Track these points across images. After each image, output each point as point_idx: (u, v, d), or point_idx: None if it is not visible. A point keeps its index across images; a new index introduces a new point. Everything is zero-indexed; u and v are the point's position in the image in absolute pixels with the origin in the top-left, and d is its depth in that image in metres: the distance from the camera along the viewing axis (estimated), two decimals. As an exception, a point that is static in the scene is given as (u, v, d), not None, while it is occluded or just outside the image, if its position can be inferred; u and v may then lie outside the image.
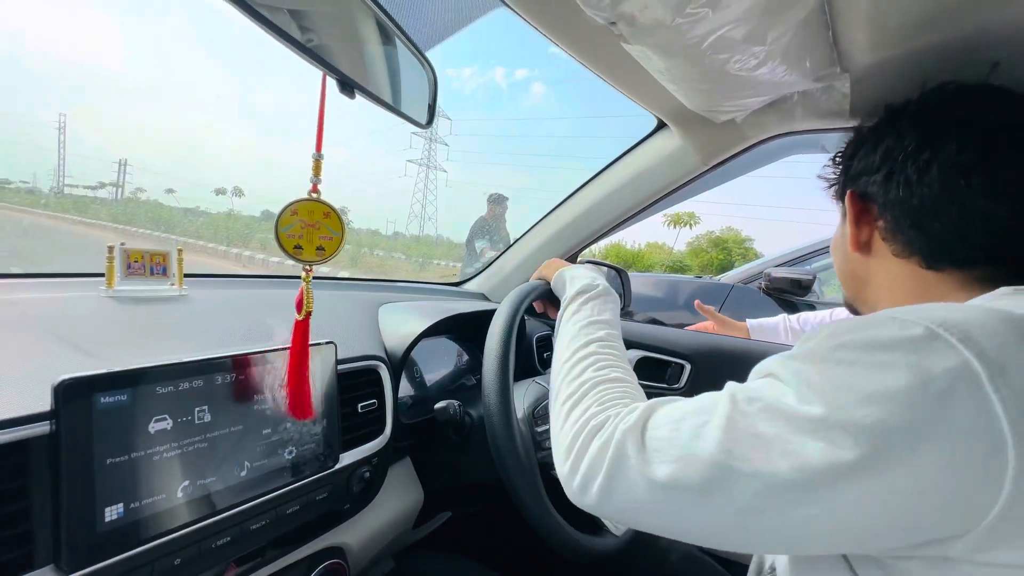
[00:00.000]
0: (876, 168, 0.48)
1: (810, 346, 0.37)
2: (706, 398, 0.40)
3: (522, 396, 0.75)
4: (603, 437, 0.42)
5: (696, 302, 1.26)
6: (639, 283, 2.40)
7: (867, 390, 0.32)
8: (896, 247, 0.47)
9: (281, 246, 0.51)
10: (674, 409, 0.41)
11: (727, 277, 2.48)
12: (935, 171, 0.44)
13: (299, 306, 0.53)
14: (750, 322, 1.15)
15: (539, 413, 0.73)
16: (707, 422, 0.37)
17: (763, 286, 2.17)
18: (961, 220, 0.43)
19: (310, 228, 0.52)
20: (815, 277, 2.08)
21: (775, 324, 1.12)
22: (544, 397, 0.75)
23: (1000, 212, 0.42)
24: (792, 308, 2.12)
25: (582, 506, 0.44)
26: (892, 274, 0.48)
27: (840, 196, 0.55)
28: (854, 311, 0.58)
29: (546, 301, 0.82)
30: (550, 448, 0.70)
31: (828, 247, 2.43)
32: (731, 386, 0.40)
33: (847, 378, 0.33)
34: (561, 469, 0.46)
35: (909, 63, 0.63)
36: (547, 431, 0.72)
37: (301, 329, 0.55)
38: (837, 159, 0.56)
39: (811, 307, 2.12)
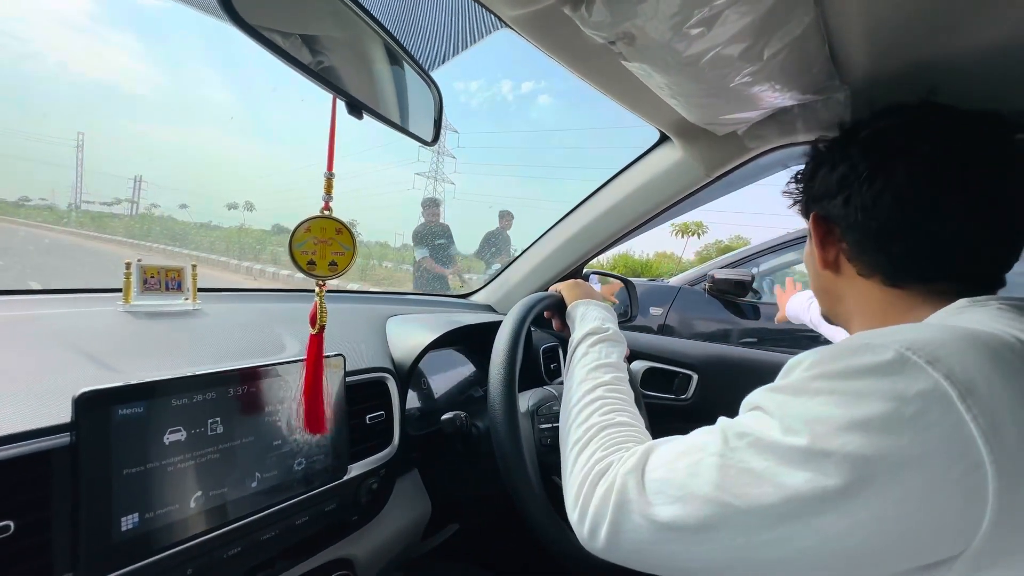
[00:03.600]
0: (835, 192, 0.49)
1: (791, 378, 0.38)
2: (699, 435, 0.41)
3: (526, 401, 0.76)
4: (607, 482, 0.44)
5: (776, 288, 1.28)
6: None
7: (846, 418, 0.33)
8: (860, 267, 0.49)
9: (295, 262, 0.52)
10: (670, 449, 0.42)
11: (676, 280, 2.55)
12: (888, 198, 0.45)
13: (313, 320, 0.55)
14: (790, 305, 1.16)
15: (543, 412, 0.74)
16: (701, 460, 0.38)
17: (707, 287, 2.23)
18: (917, 242, 0.45)
19: (323, 244, 0.53)
20: (753, 277, 2.14)
21: (797, 315, 1.15)
22: (548, 399, 0.76)
23: (947, 233, 0.44)
24: (735, 309, 2.16)
25: (594, 552, 0.45)
26: (859, 291, 0.50)
27: (804, 214, 0.56)
28: (831, 323, 0.60)
29: (553, 312, 0.83)
30: (552, 445, 0.71)
31: (771, 248, 2.42)
32: (722, 422, 0.41)
33: (827, 408, 0.34)
34: (571, 516, 0.48)
35: (909, 74, 0.64)
36: (550, 428, 0.72)
37: (316, 343, 0.56)
38: (799, 177, 0.58)
39: (754, 308, 2.16)
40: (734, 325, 2.21)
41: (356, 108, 0.49)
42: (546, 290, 0.83)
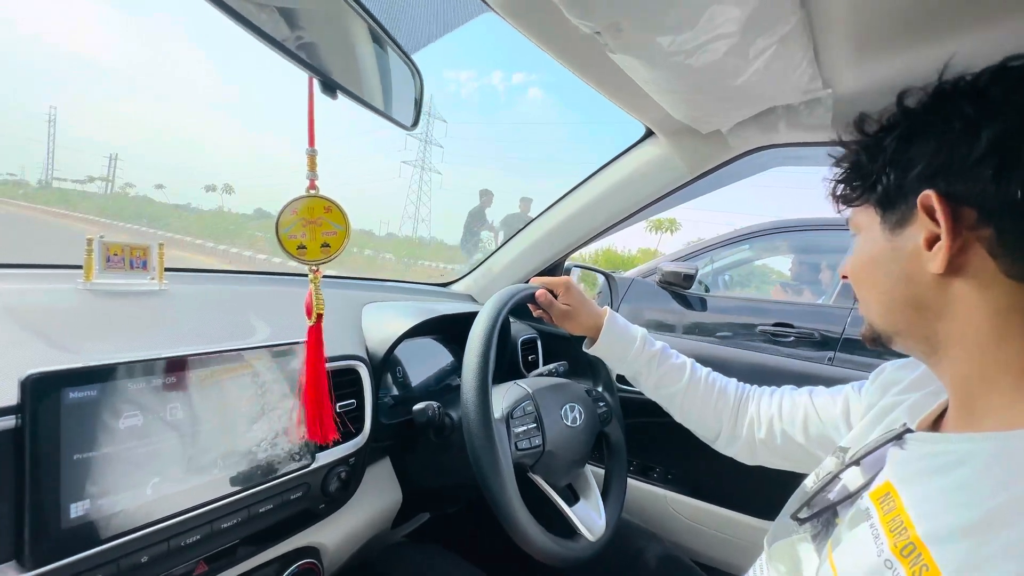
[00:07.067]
0: (977, 160, 0.36)
1: None
2: None
3: (501, 397, 0.75)
4: None
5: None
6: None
7: None
8: (1010, 264, 0.36)
9: (284, 248, 0.49)
10: None
11: (630, 272, 2.64)
12: None
13: (309, 310, 0.51)
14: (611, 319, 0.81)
15: (516, 414, 0.73)
16: None
17: (657, 279, 2.33)
18: None
19: (312, 225, 0.50)
20: (696, 270, 2.25)
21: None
22: (523, 399, 0.75)
23: None
24: (682, 300, 2.27)
25: None
26: (995, 302, 0.37)
27: (887, 200, 0.43)
28: (880, 346, 0.47)
29: (535, 306, 0.83)
30: (527, 449, 0.71)
31: (724, 242, 2.44)
32: None
33: None
34: None
35: (892, 80, 0.64)
36: (525, 432, 0.72)
37: (314, 336, 0.51)
38: (863, 158, 0.45)
39: (701, 300, 2.26)
40: (680, 316, 2.29)
41: (330, 88, 0.48)
42: (527, 281, 0.82)
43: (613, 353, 0.79)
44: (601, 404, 0.85)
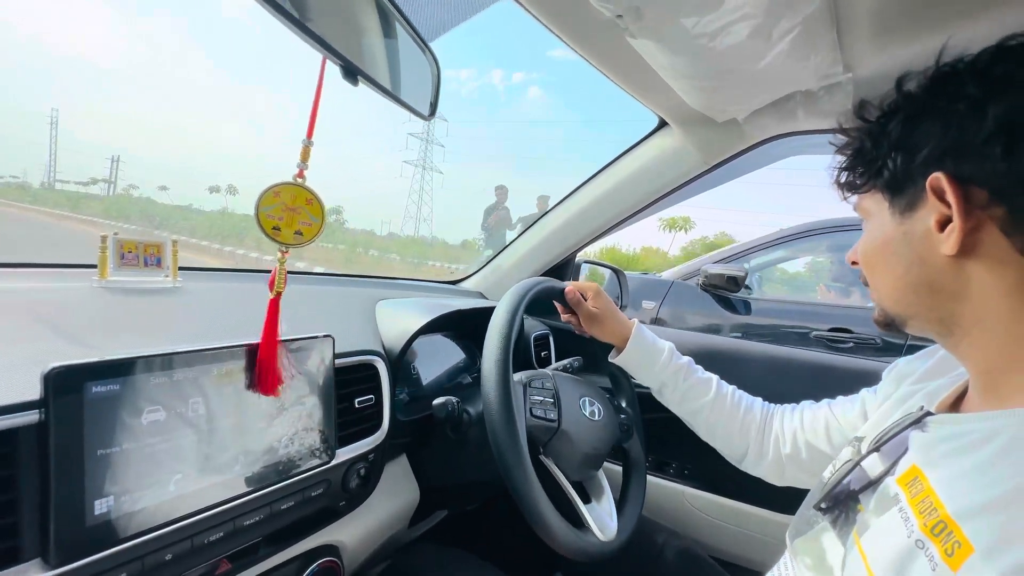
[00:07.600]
0: (985, 139, 0.36)
1: None
2: None
3: (518, 377, 0.75)
4: None
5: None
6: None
7: None
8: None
9: (260, 225, 0.51)
10: None
11: (668, 274, 2.53)
12: None
13: (271, 286, 0.54)
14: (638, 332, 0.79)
15: (535, 384, 0.73)
16: None
17: (700, 282, 2.22)
18: None
19: (291, 212, 0.52)
20: (746, 272, 2.14)
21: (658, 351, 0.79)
22: (542, 376, 0.75)
23: None
24: (727, 303, 2.17)
25: None
26: (1011, 280, 0.37)
27: (894, 184, 0.42)
28: (894, 330, 0.47)
29: (564, 307, 0.83)
30: (541, 419, 0.70)
31: (764, 245, 2.34)
32: None
33: None
34: None
35: (912, 65, 0.63)
36: (541, 402, 0.71)
37: (273, 305, 0.55)
38: (867, 144, 0.45)
39: (746, 303, 2.16)
40: (726, 320, 2.20)
41: (352, 73, 0.47)
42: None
43: (640, 363, 0.78)
44: (622, 416, 0.83)
